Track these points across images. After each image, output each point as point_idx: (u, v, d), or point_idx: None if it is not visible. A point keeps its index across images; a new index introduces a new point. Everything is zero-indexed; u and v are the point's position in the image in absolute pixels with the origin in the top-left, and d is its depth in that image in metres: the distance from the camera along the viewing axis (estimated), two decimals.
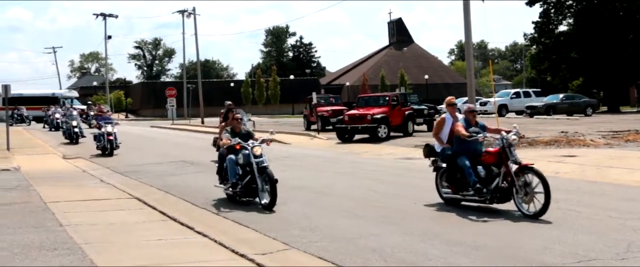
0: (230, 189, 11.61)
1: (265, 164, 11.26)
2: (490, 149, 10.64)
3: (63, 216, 10.48)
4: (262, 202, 11.05)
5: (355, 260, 7.52)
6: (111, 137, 22.64)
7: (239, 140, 11.66)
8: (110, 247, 8.34)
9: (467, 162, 10.35)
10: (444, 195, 11.01)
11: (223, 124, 12.24)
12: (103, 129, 22.92)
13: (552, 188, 9.49)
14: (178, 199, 12.66)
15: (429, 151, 11.56)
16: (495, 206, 10.37)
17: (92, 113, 44.04)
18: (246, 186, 11.38)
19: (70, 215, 10.60)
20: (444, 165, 10.93)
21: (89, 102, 56.48)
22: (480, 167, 10.38)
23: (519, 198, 9.78)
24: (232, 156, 11.66)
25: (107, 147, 22.50)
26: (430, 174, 11.59)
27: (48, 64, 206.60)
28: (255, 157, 11.27)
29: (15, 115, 54.53)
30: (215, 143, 17.66)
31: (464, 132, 10.43)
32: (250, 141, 11.70)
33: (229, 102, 18.87)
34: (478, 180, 10.22)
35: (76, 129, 29.09)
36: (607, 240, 8.11)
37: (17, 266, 7.43)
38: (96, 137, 23.40)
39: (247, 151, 11.41)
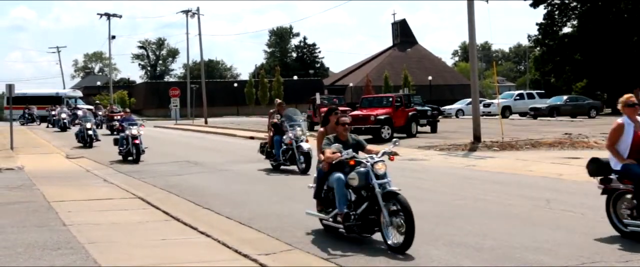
0: (339, 220, 8.48)
1: (392, 188, 8.34)
2: None
3: (66, 215, 10.50)
4: (389, 242, 7.94)
5: (358, 260, 7.52)
6: (137, 141, 20.40)
7: (353, 153, 8.77)
8: (113, 247, 8.34)
9: None
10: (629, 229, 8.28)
11: (322, 129, 9.71)
12: (127, 132, 20.66)
13: (556, 190, 9.47)
14: (181, 199, 12.66)
15: (597, 167, 8.76)
16: (497, 209, 10.35)
17: (100, 113, 43.01)
18: (362, 217, 8.28)
19: (74, 214, 10.61)
20: (622, 187, 8.41)
21: (97, 102, 56.10)
22: None
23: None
24: (342, 175, 8.58)
25: (132, 152, 20.39)
26: (432, 174, 11.55)
27: (52, 63, 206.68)
28: (378, 177, 8.36)
29: (26, 115, 54.54)
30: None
31: None
32: (366, 155, 9.00)
33: (333, 100, 21.24)
34: None
35: (90, 132, 27.12)
36: (611, 242, 8.09)
37: (21, 266, 7.43)
38: (118, 141, 21.08)
39: (364, 169, 8.45)
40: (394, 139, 9.81)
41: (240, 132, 36.05)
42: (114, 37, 72.46)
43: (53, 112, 46.88)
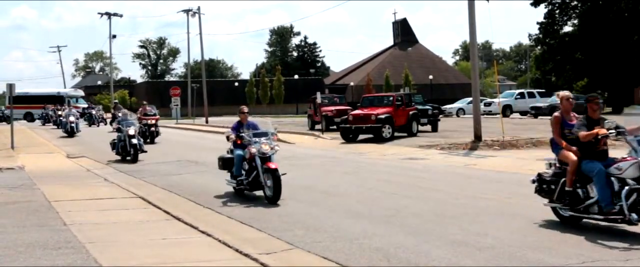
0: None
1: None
2: None
3: (67, 215, 10.50)
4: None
5: (359, 260, 7.52)
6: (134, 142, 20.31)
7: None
8: (114, 247, 8.35)
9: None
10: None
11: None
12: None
13: None
14: (182, 198, 12.67)
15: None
16: (498, 208, 10.34)
17: (119, 115, 38.64)
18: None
19: (74, 214, 10.62)
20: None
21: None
22: None
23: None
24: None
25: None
26: (433, 173, 11.56)
27: (53, 63, 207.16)
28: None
29: (44, 115, 51.88)
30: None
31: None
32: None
33: (334, 99, 21.22)
34: None
35: (134, 141, 20.20)
36: (611, 241, 8.09)
37: (21, 265, 7.44)
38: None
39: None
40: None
41: None
42: (114, 36, 72.58)
43: (59, 112, 43.86)
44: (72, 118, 34.49)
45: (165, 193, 13.47)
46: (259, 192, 12.18)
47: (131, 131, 20.31)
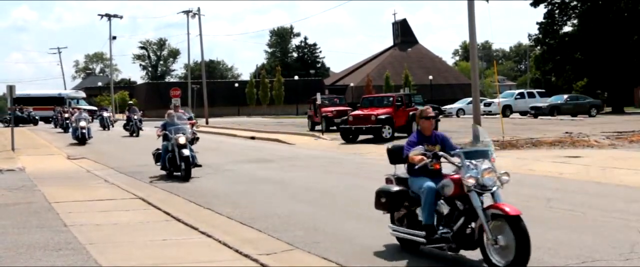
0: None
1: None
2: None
3: (67, 216, 10.51)
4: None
5: (359, 260, 7.53)
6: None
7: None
8: (114, 248, 8.35)
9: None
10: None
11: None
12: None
13: (557, 189, 9.48)
14: (182, 199, 12.68)
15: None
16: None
17: (135, 117, 35.64)
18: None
19: (75, 215, 10.62)
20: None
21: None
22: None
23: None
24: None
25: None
26: None
27: (53, 64, 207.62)
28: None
29: (55, 118, 46.94)
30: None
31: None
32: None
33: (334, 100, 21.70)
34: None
35: (186, 152, 16.01)
36: (611, 241, 8.09)
37: (22, 266, 7.45)
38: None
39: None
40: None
41: (241, 132, 36.11)
42: (114, 37, 72.59)
43: (65, 115, 40.38)
44: (82, 123, 29.94)
45: (166, 194, 13.48)
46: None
47: (182, 140, 16.17)
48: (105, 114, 43.93)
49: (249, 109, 76.94)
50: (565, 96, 47.54)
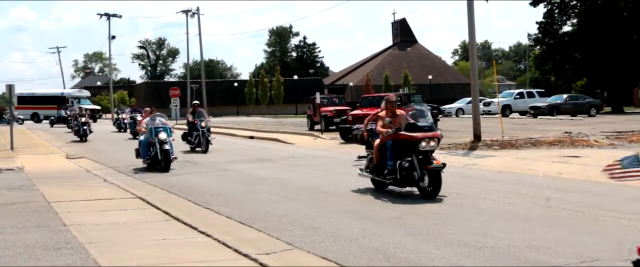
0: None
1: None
2: None
3: (66, 215, 10.49)
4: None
5: (358, 260, 7.51)
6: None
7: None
8: (113, 247, 8.34)
9: None
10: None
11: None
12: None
13: (556, 188, 9.48)
14: (181, 198, 12.66)
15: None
16: (497, 207, 10.35)
17: (139, 118, 30.44)
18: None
19: (74, 215, 10.61)
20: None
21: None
22: None
23: None
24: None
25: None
26: None
27: (52, 63, 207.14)
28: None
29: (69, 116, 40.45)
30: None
31: None
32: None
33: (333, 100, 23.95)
34: None
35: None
36: (611, 240, 8.09)
37: (21, 266, 7.44)
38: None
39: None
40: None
41: (240, 132, 36.10)
42: (114, 37, 72.41)
43: (82, 120, 32.41)
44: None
45: (165, 193, 13.47)
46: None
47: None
48: (139, 117, 33.66)
49: (248, 108, 76.94)
50: (565, 96, 47.56)
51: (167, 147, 17.77)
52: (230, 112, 73.83)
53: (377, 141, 12.22)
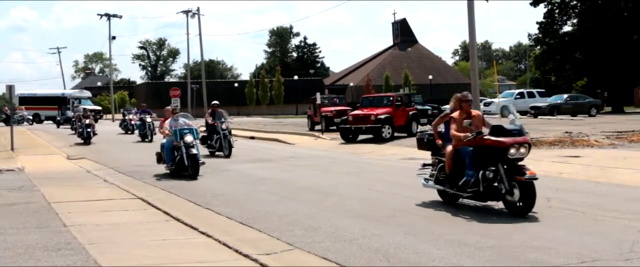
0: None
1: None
2: None
3: (67, 216, 10.49)
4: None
5: (358, 260, 7.52)
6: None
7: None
8: (114, 248, 8.34)
9: None
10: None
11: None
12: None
13: (556, 188, 9.49)
14: (182, 199, 12.66)
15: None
16: (497, 207, 10.35)
17: (149, 120, 31.16)
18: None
19: (74, 215, 10.61)
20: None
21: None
22: None
23: None
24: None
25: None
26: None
27: (52, 64, 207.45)
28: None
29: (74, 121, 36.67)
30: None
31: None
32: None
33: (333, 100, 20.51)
34: None
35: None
36: (611, 240, 8.09)
37: (21, 266, 7.44)
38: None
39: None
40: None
41: (241, 132, 36.06)
42: (114, 37, 72.52)
43: (86, 122, 29.69)
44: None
45: (165, 194, 13.46)
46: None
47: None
48: (148, 119, 31.49)
49: (248, 109, 76.96)
50: (565, 96, 47.52)
51: (194, 151, 15.95)
52: (230, 112, 72.65)
53: (450, 147, 10.69)
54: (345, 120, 27.96)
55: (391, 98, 28.92)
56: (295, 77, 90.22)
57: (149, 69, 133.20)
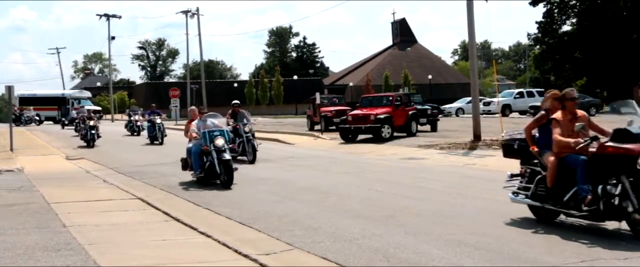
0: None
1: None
2: None
3: (66, 216, 10.49)
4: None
5: (358, 260, 7.51)
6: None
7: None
8: (113, 248, 8.34)
9: None
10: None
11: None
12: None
13: None
14: (181, 199, 12.66)
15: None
16: (497, 207, 10.35)
17: (158, 121, 29.61)
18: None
19: (74, 216, 10.60)
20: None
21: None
22: None
23: None
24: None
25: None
26: (432, 172, 11.55)
27: (52, 64, 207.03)
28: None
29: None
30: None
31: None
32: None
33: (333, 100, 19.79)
34: None
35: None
36: (611, 240, 8.09)
37: (21, 266, 7.44)
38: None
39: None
40: None
41: None
42: (113, 37, 72.47)
43: (90, 123, 27.80)
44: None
45: (164, 194, 13.46)
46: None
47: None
48: (158, 120, 29.73)
49: (248, 109, 75.66)
50: None
51: (227, 156, 14.09)
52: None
53: (552, 156, 8.87)
54: (344, 120, 27.96)
55: (391, 98, 28.91)
56: (295, 77, 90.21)
57: (149, 69, 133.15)
